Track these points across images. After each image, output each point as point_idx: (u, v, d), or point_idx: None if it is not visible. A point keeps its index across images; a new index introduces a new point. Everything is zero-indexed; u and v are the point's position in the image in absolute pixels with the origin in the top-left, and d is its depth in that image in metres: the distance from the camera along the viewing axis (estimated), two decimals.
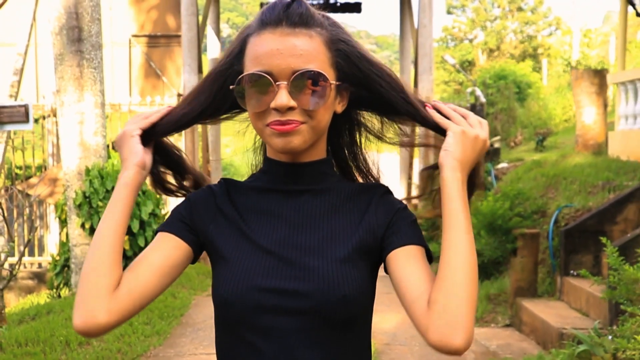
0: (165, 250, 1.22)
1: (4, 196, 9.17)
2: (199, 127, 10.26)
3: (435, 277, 1.13)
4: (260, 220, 1.23)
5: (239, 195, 1.27)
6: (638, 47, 18.57)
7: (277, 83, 1.14)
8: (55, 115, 10.27)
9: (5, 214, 7.25)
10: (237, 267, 1.18)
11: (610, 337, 3.73)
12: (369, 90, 1.24)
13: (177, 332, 5.72)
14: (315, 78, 1.15)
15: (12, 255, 9.65)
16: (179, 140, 11.07)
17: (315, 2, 13.96)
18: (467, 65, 32.38)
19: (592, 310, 5.28)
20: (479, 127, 1.22)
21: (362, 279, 1.19)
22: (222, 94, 1.25)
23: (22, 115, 4.72)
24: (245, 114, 1.30)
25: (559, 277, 5.99)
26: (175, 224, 1.24)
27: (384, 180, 1.38)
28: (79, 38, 7.29)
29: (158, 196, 7.95)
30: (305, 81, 1.14)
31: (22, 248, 10.04)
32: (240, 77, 1.18)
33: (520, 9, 37.44)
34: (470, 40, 37.15)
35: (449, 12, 39.28)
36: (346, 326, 1.18)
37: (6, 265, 7.25)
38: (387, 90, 1.24)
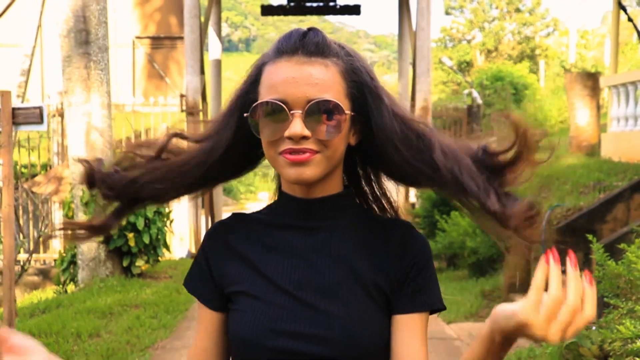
0: (212, 331, 1.25)
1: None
2: (201, 127, 10.45)
3: None
4: (277, 259, 1.20)
5: (253, 231, 1.24)
6: (633, 49, 18.81)
7: (292, 112, 1.12)
8: (60, 115, 10.49)
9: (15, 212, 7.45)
10: (256, 308, 1.17)
11: (594, 327, 3.95)
12: (376, 133, 1.18)
13: (183, 325, 5.93)
14: (331, 108, 1.12)
15: (19, 252, 9.87)
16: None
17: (315, 5, 14.20)
18: (465, 66, 32.58)
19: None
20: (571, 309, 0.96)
21: (381, 324, 1.18)
22: (241, 125, 1.21)
23: (37, 116, 4.92)
24: None
25: None
26: (207, 291, 1.24)
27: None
28: (86, 41, 7.50)
29: None
30: (320, 110, 1.12)
31: (28, 244, 10.27)
32: (254, 105, 1.16)
33: (518, 10, 37.64)
34: (469, 41, 37.34)
35: (447, 13, 39.49)
36: None
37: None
38: (402, 151, 1.16)
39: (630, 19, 9.36)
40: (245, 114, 1.17)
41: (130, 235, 7.53)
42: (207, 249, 1.25)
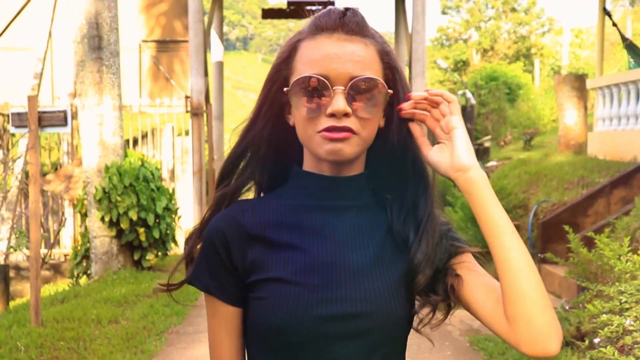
0: (237, 328, 1.20)
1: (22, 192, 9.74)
2: (205, 126, 10.88)
3: (500, 286, 1.12)
4: (304, 239, 1.16)
5: (270, 214, 1.19)
6: (623, 51, 19.21)
7: (334, 88, 1.10)
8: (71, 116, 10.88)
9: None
10: (288, 293, 1.12)
11: (567, 307, 4.39)
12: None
13: (194, 313, 6.36)
14: (373, 86, 1.11)
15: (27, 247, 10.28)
16: (185, 137, 11.73)
17: (314, 8, 14.57)
18: (461, 65, 32.85)
19: (563, 292, 5.94)
20: (454, 105, 1.17)
21: (411, 300, 1.17)
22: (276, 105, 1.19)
23: (61, 119, 5.33)
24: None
25: (537, 265, 6.66)
26: (225, 286, 1.17)
27: None
28: (98, 46, 7.92)
29: (171, 192, 8.59)
30: (363, 88, 1.10)
31: (48, 240, 10.67)
32: (296, 79, 1.12)
33: (513, 10, 37.94)
34: (465, 41, 37.62)
35: (443, 13, 39.77)
36: (400, 347, 1.19)
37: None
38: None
39: (614, 24, 9.80)
40: (285, 89, 1.14)
41: (141, 230, 7.94)
42: (220, 240, 1.16)
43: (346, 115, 1.10)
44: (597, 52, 10.40)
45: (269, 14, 14.55)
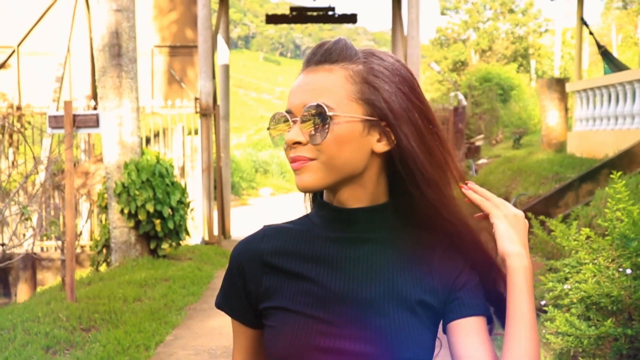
0: (247, 346, 1.22)
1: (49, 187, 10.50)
2: (213, 127, 11.65)
3: None
4: (316, 271, 1.14)
5: (289, 242, 1.18)
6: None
7: (293, 119, 1.10)
8: None
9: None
10: (293, 323, 1.11)
11: None
12: (397, 139, 1.11)
13: (208, 294, 7.13)
14: (318, 111, 1.07)
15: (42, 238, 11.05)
16: (195, 136, 12.49)
17: (315, 14, 15.33)
18: (460, 65, 33.46)
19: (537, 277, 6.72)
20: (513, 208, 1.16)
21: (425, 339, 1.11)
22: None
23: (94, 121, 6.08)
24: None
25: None
26: (241, 308, 1.20)
27: None
28: (118, 53, 8.68)
29: (183, 187, 9.36)
30: (309, 115, 1.08)
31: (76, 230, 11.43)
32: (270, 119, 1.16)
33: (511, 11, 38.58)
34: (464, 41, 38.22)
35: (442, 14, 40.47)
36: None
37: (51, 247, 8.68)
38: (415, 149, 1.11)
39: (590, 32, 10.57)
40: (267, 129, 1.16)
41: (157, 221, 8.70)
42: (237, 265, 1.19)
43: (300, 143, 1.09)
44: (576, 58, 11.16)
45: (273, 19, 15.31)
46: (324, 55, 1.12)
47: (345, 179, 1.11)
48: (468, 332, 1.11)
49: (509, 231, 1.12)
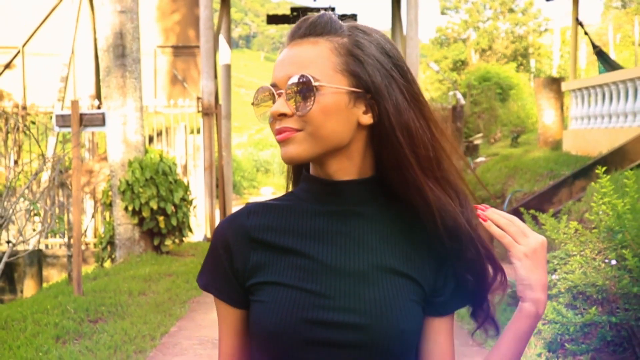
0: (235, 328, 1.17)
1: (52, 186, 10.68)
2: (215, 126, 11.82)
3: None
4: (306, 244, 1.12)
5: (276, 218, 1.16)
6: (608, 51, 20.12)
7: (278, 92, 1.10)
8: None
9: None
10: (284, 297, 1.09)
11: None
12: (379, 116, 1.10)
13: None
14: (302, 82, 1.07)
15: (51, 235, 11.24)
16: (197, 135, 12.67)
17: (317, 15, 15.48)
18: (460, 65, 33.60)
19: None
20: (533, 232, 1.12)
21: (416, 313, 1.11)
22: None
23: (100, 120, 6.25)
24: None
25: None
26: (227, 287, 1.15)
27: None
28: (122, 54, 8.86)
29: (186, 184, 9.54)
30: (294, 86, 1.08)
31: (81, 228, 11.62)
32: (254, 93, 1.15)
33: (511, 11, 38.70)
34: (464, 41, 38.36)
35: (442, 13, 40.60)
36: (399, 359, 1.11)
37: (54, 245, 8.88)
38: (401, 123, 1.10)
39: (586, 33, 10.76)
40: (252, 104, 1.16)
41: (161, 218, 8.88)
42: (223, 242, 1.15)
43: (286, 115, 1.09)
44: (571, 57, 11.35)
45: (274, 19, 15.49)
46: (309, 29, 1.11)
47: (332, 151, 1.11)
48: (438, 331, 1.15)
49: (529, 277, 1.10)
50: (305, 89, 1.07)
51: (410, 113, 1.10)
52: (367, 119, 1.11)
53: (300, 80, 1.08)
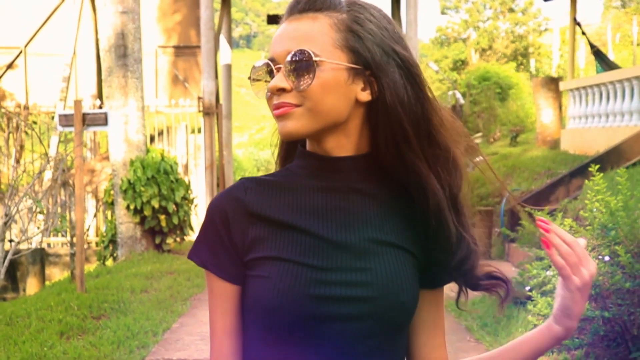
0: (231, 305, 1.14)
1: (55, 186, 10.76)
2: (215, 126, 11.90)
3: None
4: (305, 220, 1.12)
5: (272, 193, 1.15)
6: (608, 50, 20.17)
7: (277, 67, 1.10)
8: None
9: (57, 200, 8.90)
10: (285, 272, 1.08)
11: (513, 268, 5.43)
12: (380, 96, 1.10)
13: None
14: (302, 57, 1.07)
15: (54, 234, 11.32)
16: (198, 135, 12.76)
17: None
18: (460, 64, 33.65)
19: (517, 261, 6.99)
20: (589, 260, 1.11)
21: (416, 285, 1.13)
22: None
23: (103, 119, 6.34)
24: None
25: (506, 244, 7.70)
26: (224, 262, 1.13)
27: None
28: (124, 54, 8.95)
29: (187, 183, 9.63)
30: (294, 61, 1.07)
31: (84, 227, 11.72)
32: (251, 69, 1.15)
33: (511, 10, 38.75)
34: (464, 40, 38.41)
35: (443, 13, 40.66)
36: (400, 332, 1.14)
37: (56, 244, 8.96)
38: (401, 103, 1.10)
39: (583, 32, 10.85)
40: (248, 78, 1.16)
41: (162, 217, 8.97)
42: (221, 216, 1.13)
43: (284, 90, 1.08)
44: (569, 57, 11.44)
45: (274, 19, 15.55)
46: (308, 3, 1.11)
47: (329, 127, 1.10)
48: (430, 303, 1.19)
49: (572, 308, 1.12)
50: (305, 64, 1.07)
51: (408, 89, 1.09)
52: (365, 96, 1.10)
53: (301, 55, 1.07)
